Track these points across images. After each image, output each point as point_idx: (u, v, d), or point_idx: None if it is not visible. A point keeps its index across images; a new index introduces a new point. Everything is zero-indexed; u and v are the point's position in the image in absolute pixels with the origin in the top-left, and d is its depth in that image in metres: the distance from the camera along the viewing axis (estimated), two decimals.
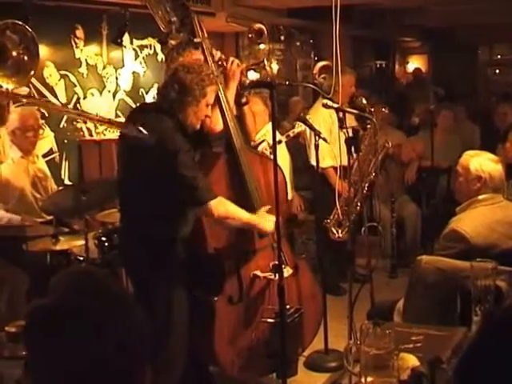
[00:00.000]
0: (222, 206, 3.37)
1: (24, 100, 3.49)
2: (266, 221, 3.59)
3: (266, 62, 4.04)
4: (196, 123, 3.43)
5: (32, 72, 3.42)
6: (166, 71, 3.68)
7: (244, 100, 3.96)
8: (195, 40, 3.70)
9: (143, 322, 1.29)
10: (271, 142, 3.56)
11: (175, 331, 3.43)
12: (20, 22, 3.33)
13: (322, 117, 5.40)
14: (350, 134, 4.71)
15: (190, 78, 3.31)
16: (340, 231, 4.74)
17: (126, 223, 3.57)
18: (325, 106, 4.25)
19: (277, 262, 3.49)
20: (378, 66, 12.45)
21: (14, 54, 3.33)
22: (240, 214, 3.48)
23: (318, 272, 4.61)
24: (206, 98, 3.38)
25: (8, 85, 3.29)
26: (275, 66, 8.32)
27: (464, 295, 2.88)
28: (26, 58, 3.35)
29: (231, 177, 3.71)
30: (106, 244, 4.45)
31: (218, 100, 3.63)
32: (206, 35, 3.75)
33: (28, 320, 1.27)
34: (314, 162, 5.57)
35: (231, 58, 3.87)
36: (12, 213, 4.64)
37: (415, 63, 14.05)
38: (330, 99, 4.36)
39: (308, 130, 5.55)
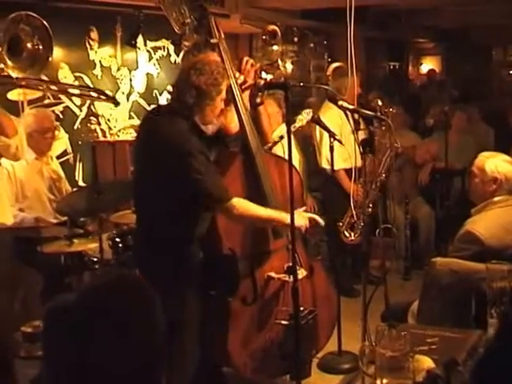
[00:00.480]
0: (240, 205, 3.38)
1: (23, 83, 3.47)
2: (299, 216, 3.60)
3: (279, 62, 4.04)
4: (213, 119, 3.46)
5: (47, 62, 3.42)
6: (178, 72, 3.67)
7: (259, 100, 3.95)
8: (212, 41, 3.70)
9: (162, 321, 1.30)
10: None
11: (188, 331, 3.44)
12: (33, 14, 3.32)
13: (331, 118, 5.37)
14: (363, 136, 4.71)
15: (203, 80, 3.30)
16: (353, 234, 4.73)
17: (140, 224, 3.58)
18: (340, 107, 4.24)
19: (291, 264, 3.48)
20: (392, 67, 12.42)
21: (29, 45, 3.33)
22: (258, 210, 3.48)
23: (332, 274, 4.60)
24: (221, 95, 3.40)
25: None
26: (289, 66, 8.30)
27: (479, 297, 2.87)
28: (40, 48, 3.35)
29: (247, 177, 3.71)
30: (120, 245, 4.46)
31: (234, 101, 3.64)
32: (222, 36, 3.75)
33: (49, 317, 1.26)
34: (324, 165, 5.58)
35: (245, 58, 3.87)
36: (27, 213, 4.66)
37: (429, 64, 14.01)
38: (344, 100, 4.34)
39: (318, 131, 5.55)
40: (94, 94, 4.05)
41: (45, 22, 3.36)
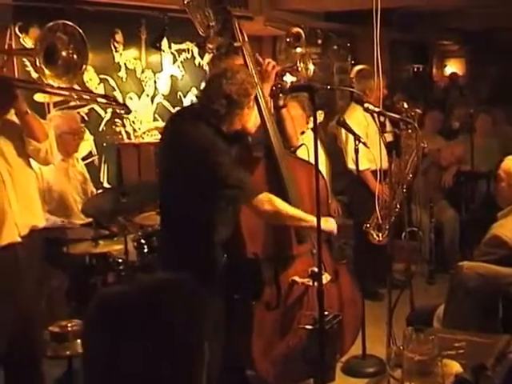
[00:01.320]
0: (269, 201, 3.37)
1: (49, 89, 3.53)
2: (328, 221, 3.62)
3: (301, 64, 4.01)
4: (239, 125, 3.45)
5: (82, 69, 3.48)
6: (208, 78, 3.67)
7: (282, 103, 3.94)
8: (235, 44, 3.70)
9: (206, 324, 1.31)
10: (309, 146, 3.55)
11: (211, 333, 3.43)
12: (70, 23, 3.38)
13: (357, 120, 5.37)
14: (389, 138, 4.69)
15: (235, 89, 3.28)
16: (380, 235, 4.71)
17: (165, 226, 3.59)
18: (366, 110, 4.22)
19: (315, 269, 3.46)
20: (416, 69, 12.35)
21: (64, 54, 3.39)
22: (287, 208, 3.47)
23: (356, 277, 4.58)
24: (249, 104, 3.40)
25: (58, 84, 3.37)
26: (311, 67, 8.26)
27: (506, 301, 2.84)
28: (75, 57, 3.41)
29: (271, 182, 3.68)
30: (145, 246, 4.48)
31: (257, 105, 3.61)
32: (246, 39, 3.75)
33: (91, 315, 1.26)
34: (350, 165, 5.56)
35: (267, 60, 3.85)
36: (53, 214, 4.70)
37: (453, 67, 13.92)
38: (370, 102, 4.33)
39: (343, 132, 5.53)
40: (103, 101, 4.11)
41: (81, 31, 3.41)
